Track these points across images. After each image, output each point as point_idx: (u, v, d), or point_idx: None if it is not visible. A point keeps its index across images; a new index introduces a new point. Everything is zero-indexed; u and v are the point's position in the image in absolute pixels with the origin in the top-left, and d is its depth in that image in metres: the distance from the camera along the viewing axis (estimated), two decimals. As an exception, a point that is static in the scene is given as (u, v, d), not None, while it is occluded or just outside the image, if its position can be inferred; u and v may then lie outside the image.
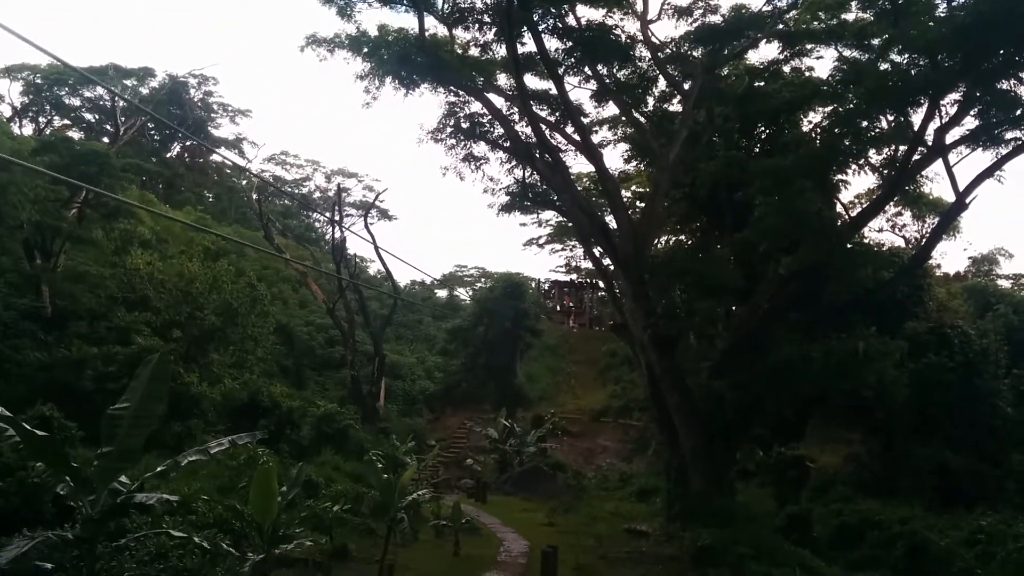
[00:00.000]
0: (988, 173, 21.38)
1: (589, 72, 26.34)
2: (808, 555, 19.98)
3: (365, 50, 24.55)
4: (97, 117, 57.65)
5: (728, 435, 24.08)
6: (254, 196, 53.56)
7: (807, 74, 26.90)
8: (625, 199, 31.14)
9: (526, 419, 41.07)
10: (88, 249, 32.58)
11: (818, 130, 26.20)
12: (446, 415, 46.72)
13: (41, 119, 56.09)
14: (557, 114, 27.89)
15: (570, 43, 25.35)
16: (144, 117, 52.30)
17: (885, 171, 24.58)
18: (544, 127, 26.56)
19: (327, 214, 58.12)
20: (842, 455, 32.46)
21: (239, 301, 30.76)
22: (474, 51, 26.27)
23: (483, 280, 69.40)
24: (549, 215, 45.70)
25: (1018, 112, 20.82)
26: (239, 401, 28.41)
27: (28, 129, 53.33)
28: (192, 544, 11.57)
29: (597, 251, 29.34)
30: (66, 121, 56.51)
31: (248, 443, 15.82)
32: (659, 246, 30.93)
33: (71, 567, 9.93)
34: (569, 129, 27.45)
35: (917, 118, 21.99)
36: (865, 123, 23.22)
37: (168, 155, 62.60)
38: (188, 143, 62.46)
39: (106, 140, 48.91)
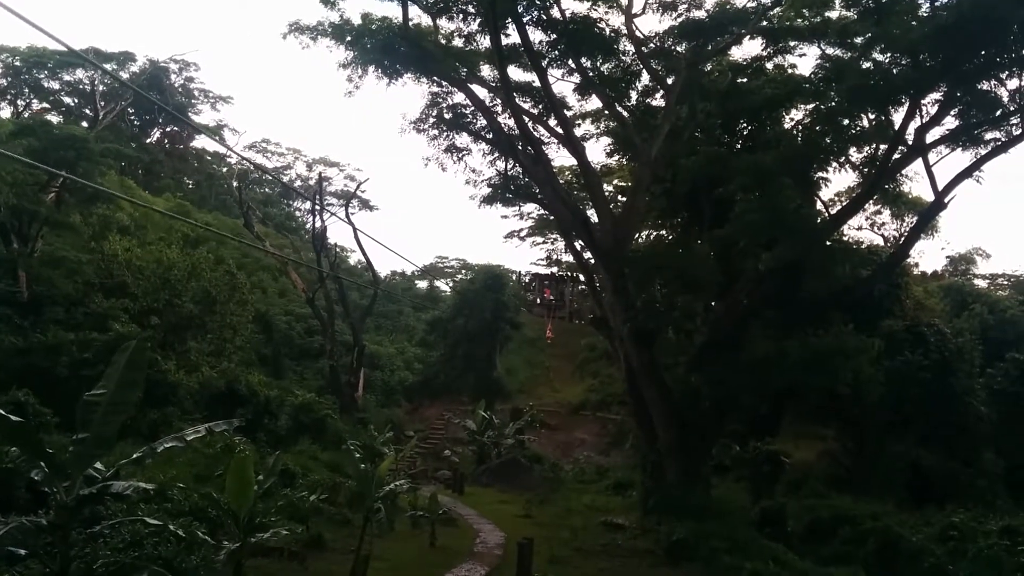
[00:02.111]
0: (967, 173, 21.58)
1: (573, 65, 26.32)
2: (781, 549, 20.10)
3: (348, 39, 24.43)
4: (76, 101, 57.05)
5: (704, 429, 24.25)
6: (235, 183, 53.23)
7: (790, 71, 27.01)
8: (607, 193, 31.20)
9: (504, 411, 41.13)
10: (66, 234, 32.27)
11: (800, 127, 26.32)
12: (424, 406, 46.69)
13: (19, 102, 55.40)
14: (540, 107, 27.86)
15: (554, 35, 25.32)
16: (124, 102, 51.83)
17: (865, 169, 24.76)
18: (527, 119, 26.54)
19: (308, 203, 57.81)
20: (816, 451, 32.73)
21: (218, 289, 30.60)
22: (458, 42, 26.22)
23: (464, 272, 69.37)
24: (531, 208, 45.46)
25: (997, 113, 21.07)
26: (216, 389, 28.25)
27: (6, 112, 52.74)
28: (167, 532, 11.51)
29: (578, 244, 29.39)
30: (45, 104, 55.82)
31: (225, 431, 15.77)
32: (639, 241, 31.02)
33: (44, 553, 9.84)
34: (552, 122, 27.45)
35: (898, 117, 22.24)
36: (846, 121, 23.43)
37: (148, 141, 62.03)
38: (168, 129, 61.95)
39: (85, 124, 48.43)
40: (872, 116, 23.07)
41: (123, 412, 10.33)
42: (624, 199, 31.64)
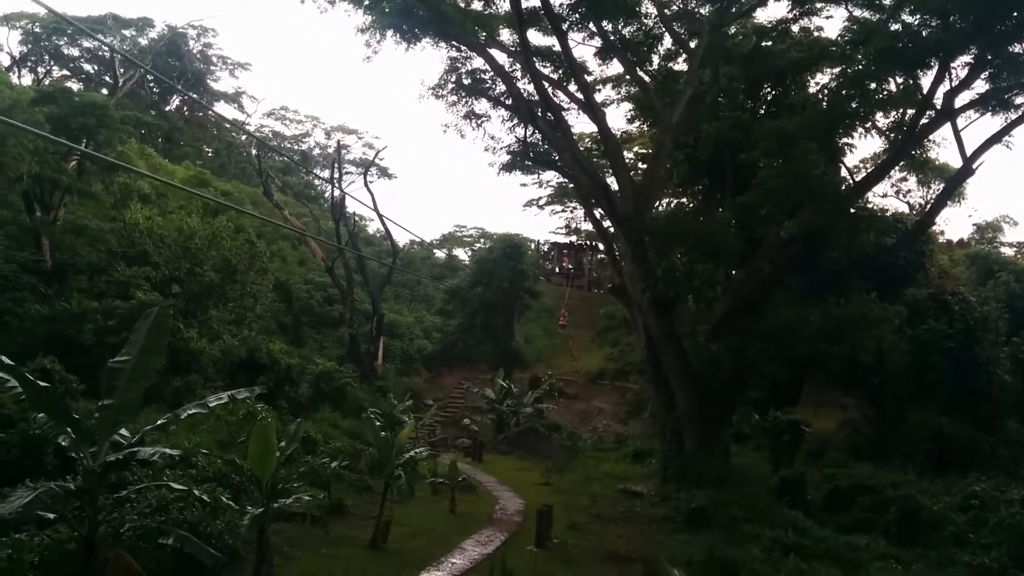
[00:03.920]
0: (996, 138, 21.23)
1: (594, 28, 25.96)
2: (800, 517, 20.13)
3: (366, 2, 24.18)
4: (96, 68, 57.15)
5: (724, 398, 24.19)
6: (253, 152, 53.24)
7: (816, 34, 26.53)
8: (627, 160, 30.94)
9: (523, 380, 41.20)
10: (88, 202, 32.38)
11: (825, 92, 25.89)
12: (443, 375, 46.87)
13: (40, 69, 55.54)
14: (560, 72, 27.56)
15: (575, -2, 24.96)
16: (143, 69, 51.86)
17: (892, 135, 24.38)
18: (547, 85, 26.25)
19: (326, 172, 57.77)
20: (837, 420, 32.66)
21: (238, 258, 30.66)
22: (477, 5, 25.88)
23: (482, 240, 69.21)
24: (550, 175, 45.25)
25: (1028, 77, 20.63)
26: (238, 357, 28.40)
27: (27, 79, 52.86)
28: (192, 497, 11.63)
29: (598, 212, 29.21)
30: (65, 71, 55.97)
31: (247, 398, 15.84)
32: (660, 208, 30.80)
33: (73, 518, 9.97)
34: (572, 87, 27.16)
35: (926, 81, 21.84)
36: (873, 85, 23.00)
37: (167, 108, 62.10)
38: (187, 96, 62.04)
39: (105, 91, 48.43)
40: (900, 80, 22.66)
41: (147, 379, 10.39)
42: (645, 166, 31.38)
